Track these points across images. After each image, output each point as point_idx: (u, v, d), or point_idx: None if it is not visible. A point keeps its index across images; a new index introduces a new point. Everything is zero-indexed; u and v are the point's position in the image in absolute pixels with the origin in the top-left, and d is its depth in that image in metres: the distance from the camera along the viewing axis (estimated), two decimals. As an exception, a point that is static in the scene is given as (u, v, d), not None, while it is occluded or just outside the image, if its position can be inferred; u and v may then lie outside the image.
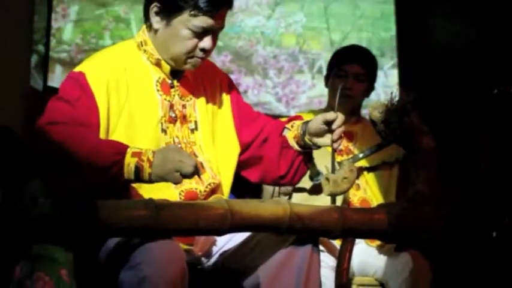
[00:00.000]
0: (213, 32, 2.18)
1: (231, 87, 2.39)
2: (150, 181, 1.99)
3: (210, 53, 2.25)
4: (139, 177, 1.98)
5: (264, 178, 2.38)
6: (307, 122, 2.27)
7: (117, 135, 2.14)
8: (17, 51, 3.54)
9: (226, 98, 2.36)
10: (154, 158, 1.97)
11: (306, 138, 2.26)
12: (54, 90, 3.96)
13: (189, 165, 1.94)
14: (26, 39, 3.72)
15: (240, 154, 2.33)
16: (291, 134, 2.30)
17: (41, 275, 2.89)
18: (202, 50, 2.18)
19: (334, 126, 2.20)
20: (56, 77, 4.08)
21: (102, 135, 2.11)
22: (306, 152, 2.32)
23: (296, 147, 2.29)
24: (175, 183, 1.99)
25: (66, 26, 4.21)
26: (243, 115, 2.37)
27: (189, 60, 2.20)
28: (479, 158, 4.12)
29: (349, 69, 3.09)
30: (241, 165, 2.35)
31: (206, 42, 2.17)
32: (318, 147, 2.29)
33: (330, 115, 2.21)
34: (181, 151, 2.00)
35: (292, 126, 2.31)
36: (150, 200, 1.81)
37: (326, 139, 2.23)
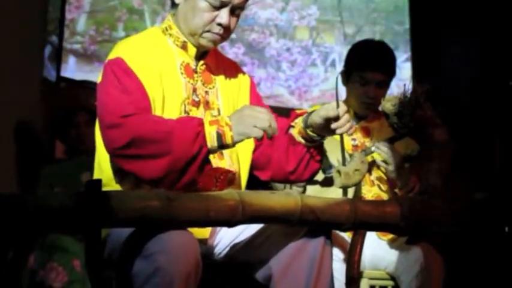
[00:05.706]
0: (232, 9, 2.19)
1: (252, 88, 2.42)
2: (233, 144, 2.06)
3: (229, 33, 2.25)
4: (222, 142, 2.04)
5: (274, 176, 2.37)
6: (309, 114, 2.25)
7: None
8: (31, 42, 3.55)
9: (246, 96, 2.38)
10: (231, 120, 2.04)
11: (309, 131, 2.25)
12: (68, 81, 3.99)
13: (264, 119, 2.01)
14: (40, 29, 3.72)
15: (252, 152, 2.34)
16: (295, 131, 2.29)
17: (55, 265, 2.91)
18: (219, 25, 2.19)
19: (339, 125, 2.16)
20: (69, 68, 4.09)
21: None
22: (315, 146, 2.30)
23: (303, 142, 2.28)
24: (258, 138, 2.04)
25: (79, 17, 4.21)
26: None
27: (205, 34, 2.21)
28: (492, 152, 4.10)
29: (372, 77, 3.01)
30: (252, 164, 2.35)
31: (223, 17, 2.18)
32: (323, 137, 2.27)
33: (332, 111, 2.17)
34: (256, 108, 2.07)
35: (296, 123, 2.30)
36: (162, 191, 1.81)
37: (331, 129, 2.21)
